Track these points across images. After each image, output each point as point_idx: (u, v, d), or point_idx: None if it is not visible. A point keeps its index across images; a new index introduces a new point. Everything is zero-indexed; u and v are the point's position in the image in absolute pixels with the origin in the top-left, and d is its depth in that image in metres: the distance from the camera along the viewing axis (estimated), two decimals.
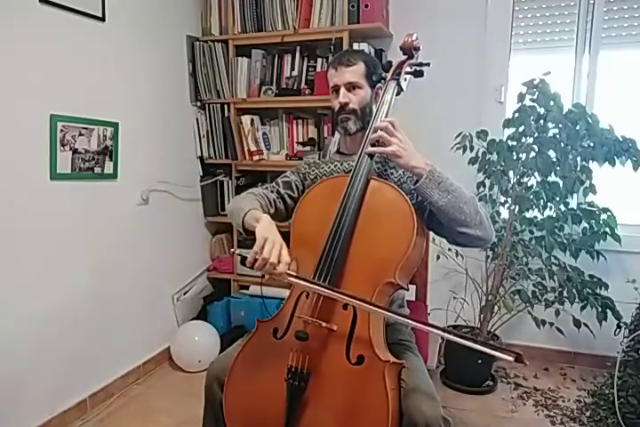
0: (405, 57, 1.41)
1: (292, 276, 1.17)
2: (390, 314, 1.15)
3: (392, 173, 1.44)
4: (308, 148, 2.68)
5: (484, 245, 1.33)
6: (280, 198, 1.50)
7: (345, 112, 1.42)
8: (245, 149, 2.73)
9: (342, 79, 1.42)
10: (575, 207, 2.27)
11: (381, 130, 1.26)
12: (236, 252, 1.24)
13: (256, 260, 1.14)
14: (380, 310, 1.13)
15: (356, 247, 1.23)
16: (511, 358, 0.97)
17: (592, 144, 2.15)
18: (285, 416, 1.16)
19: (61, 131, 1.93)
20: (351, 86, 1.42)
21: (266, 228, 1.21)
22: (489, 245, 1.35)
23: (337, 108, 1.44)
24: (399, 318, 1.12)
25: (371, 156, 1.30)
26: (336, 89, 1.44)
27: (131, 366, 2.39)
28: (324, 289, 1.16)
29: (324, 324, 1.17)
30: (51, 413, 1.97)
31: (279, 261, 1.14)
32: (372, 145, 1.29)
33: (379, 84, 1.46)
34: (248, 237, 2.69)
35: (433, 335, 1.84)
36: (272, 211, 1.45)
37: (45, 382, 1.95)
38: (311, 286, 1.18)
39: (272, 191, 1.51)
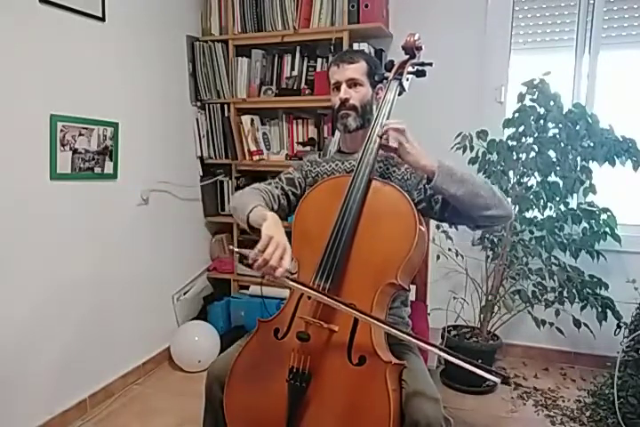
0: (407, 56, 1.41)
1: (290, 280, 1.14)
2: (385, 326, 1.12)
3: (394, 171, 1.44)
4: (307, 148, 2.68)
5: (506, 222, 1.34)
6: (284, 195, 1.50)
7: (345, 108, 1.42)
8: (245, 149, 2.74)
9: (344, 76, 1.42)
10: (575, 207, 2.27)
11: (391, 130, 1.23)
12: (235, 250, 1.17)
13: (257, 260, 1.11)
14: (374, 321, 1.11)
15: (358, 248, 1.23)
16: (498, 380, 1.01)
17: (592, 144, 2.16)
18: (287, 417, 1.16)
19: (61, 131, 1.93)
20: (352, 83, 1.43)
21: (272, 227, 1.17)
22: (511, 221, 1.38)
23: (337, 105, 1.44)
24: (399, 333, 1.10)
25: (380, 146, 1.27)
26: (337, 86, 1.45)
27: (131, 366, 2.39)
28: (322, 296, 1.14)
29: (325, 325, 1.16)
30: (50, 413, 1.97)
31: (279, 266, 1.10)
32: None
33: (379, 85, 1.46)
34: (248, 238, 2.75)
35: (433, 336, 1.84)
36: (275, 207, 1.43)
37: (45, 382, 1.95)
38: (309, 291, 1.16)
39: (276, 187, 1.50)
